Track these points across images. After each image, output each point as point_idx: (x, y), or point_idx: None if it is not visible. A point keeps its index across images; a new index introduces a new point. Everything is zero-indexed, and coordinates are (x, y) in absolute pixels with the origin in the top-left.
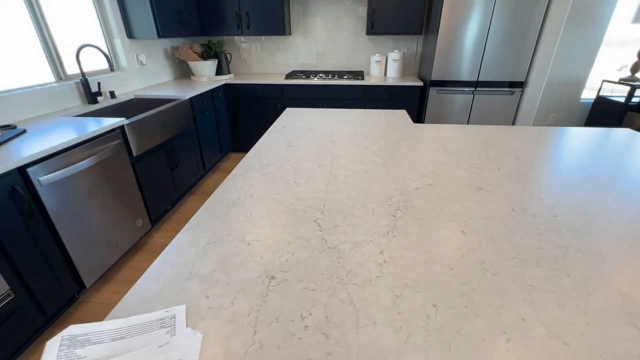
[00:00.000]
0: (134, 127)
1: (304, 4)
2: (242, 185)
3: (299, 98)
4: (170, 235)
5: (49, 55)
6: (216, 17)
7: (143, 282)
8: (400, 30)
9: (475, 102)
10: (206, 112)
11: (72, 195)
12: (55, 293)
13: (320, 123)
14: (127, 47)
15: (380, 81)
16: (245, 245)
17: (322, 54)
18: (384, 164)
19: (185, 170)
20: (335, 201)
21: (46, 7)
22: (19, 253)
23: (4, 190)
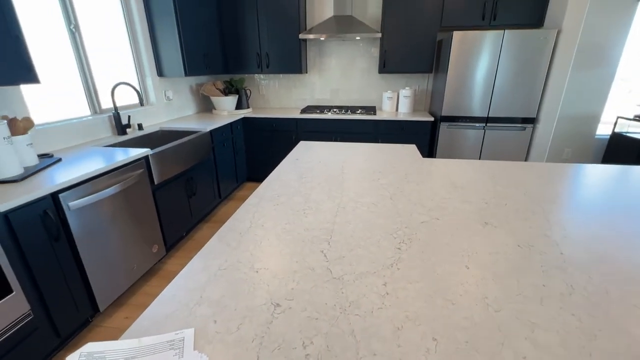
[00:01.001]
0: (158, 157)
1: (320, 46)
2: (254, 215)
3: (313, 131)
4: (183, 262)
5: (88, 91)
6: (239, 57)
7: (157, 304)
8: (411, 69)
9: (486, 138)
10: (225, 143)
11: (95, 221)
12: (71, 316)
13: (331, 156)
14: (157, 84)
15: (392, 116)
16: (254, 272)
17: (336, 90)
18: (391, 197)
19: (202, 199)
20: (342, 232)
21: (89, 48)
22: (43, 274)
23: (37, 213)
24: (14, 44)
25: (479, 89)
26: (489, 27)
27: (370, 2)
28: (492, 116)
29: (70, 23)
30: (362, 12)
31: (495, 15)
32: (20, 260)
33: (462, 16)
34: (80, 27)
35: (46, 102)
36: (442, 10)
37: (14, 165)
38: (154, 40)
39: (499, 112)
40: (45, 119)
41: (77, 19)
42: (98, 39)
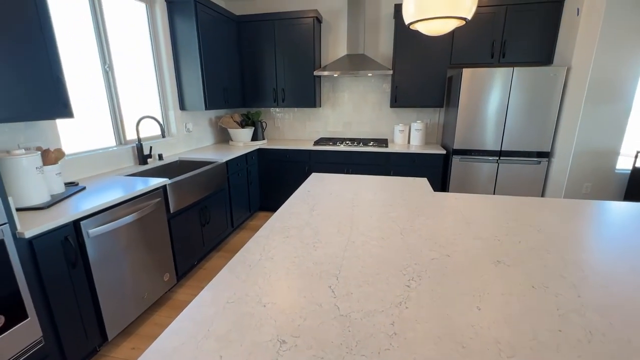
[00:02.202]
0: (175, 186)
1: (333, 81)
2: (264, 247)
3: (325, 162)
4: (193, 292)
5: (115, 123)
6: (256, 92)
7: (165, 336)
8: (422, 103)
9: (500, 171)
10: (239, 173)
11: (111, 248)
12: (80, 344)
13: (342, 188)
14: (178, 117)
15: (404, 149)
16: (262, 307)
17: (349, 123)
18: (401, 231)
19: (215, 228)
20: (350, 267)
21: (119, 83)
22: (57, 301)
23: (58, 240)
24: (55, 84)
25: (491, 123)
26: (498, 65)
27: (381, 41)
28: (505, 149)
29: (105, 63)
30: (373, 51)
31: (504, 53)
32: (38, 285)
33: (471, 54)
34: (113, 66)
35: (77, 133)
36: (452, 49)
37: (43, 193)
38: (179, 76)
39: (512, 145)
40: (75, 149)
41: (112, 59)
42: (127, 75)
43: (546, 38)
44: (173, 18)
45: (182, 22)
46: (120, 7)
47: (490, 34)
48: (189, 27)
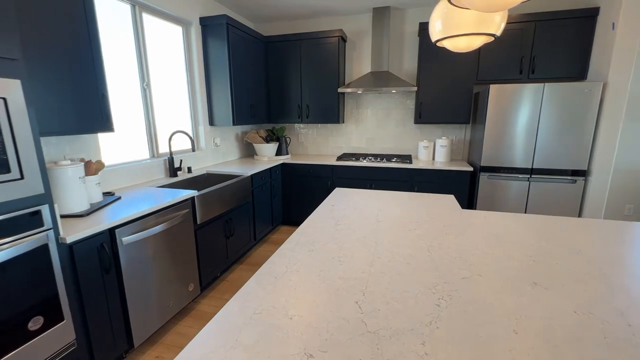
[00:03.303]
0: (202, 198)
1: (357, 98)
2: (290, 260)
3: (348, 178)
4: (216, 303)
5: (150, 138)
6: (281, 108)
7: (194, 343)
8: (447, 119)
9: (532, 190)
10: (263, 187)
11: (142, 256)
12: (109, 349)
13: (367, 204)
14: (208, 132)
15: (429, 165)
16: (288, 319)
17: (372, 139)
18: (429, 249)
19: (238, 240)
20: (377, 283)
21: (155, 99)
22: (90, 305)
23: (94, 246)
24: (100, 101)
25: (521, 140)
26: (528, 81)
27: (405, 58)
28: (537, 167)
29: (144, 81)
30: (397, 68)
31: (533, 69)
32: (74, 289)
33: (499, 70)
34: (151, 84)
35: (114, 146)
36: (478, 65)
37: (83, 201)
38: (209, 93)
39: (544, 163)
40: (112, 160)
41: (150, 78)
42: (162, 92)
43: (579, 53)
44: (206, 39)
45: (214, 43)
46: (159, 30)
47: (518, 49)
48: (221, 47)
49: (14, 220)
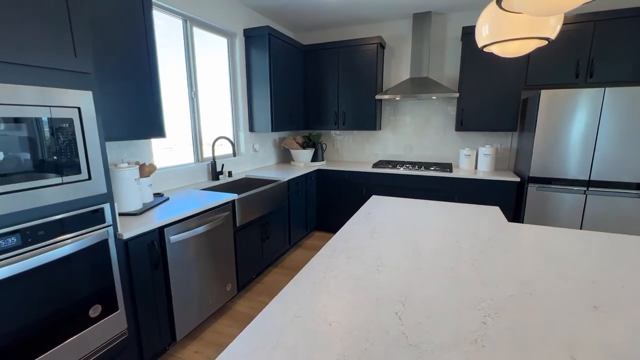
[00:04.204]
0: (242, 201)
1: (395, 105)
2: (327, 266)
3: (384, 185)
4: (251, 304)
5: (195, 143)
6: (318, 115)
7: (238, 342)
8: (491, 127)
9: (589, 204)
10: (299, 192)
11: (186, 255)
12: (154, 341)
13: (405, 213)
14: (247, 138)
15: (470, 174)
16: (327, 325)
17: (410, 146)
18: (472, 262)
19: (274, 244)
20: (417, 295)
21: (201, 107)
22: (141, 298)
23: (145, 243)
24: (154, 109)
25: (576, 149)
26: (585, 85)
27: (447, 63)
28: (595, 179)
29: (192, 90)
30: (438, 73)
31: (591, 73)
32: (128, 282)
33: (551, 74)
34: (198, 92)
35: (164, 150)
36: (527, 69)
37: (137, 201)
38: (250, 101)
39: (604, 175)
40: (162, 164)
41: (198, 87)
42: (207, 100)
43: None
44: (249, 49)
45: (256, 52)
46: (207, 42)
47: (574, 52)
48: (262, 57)
49: (80, 216)
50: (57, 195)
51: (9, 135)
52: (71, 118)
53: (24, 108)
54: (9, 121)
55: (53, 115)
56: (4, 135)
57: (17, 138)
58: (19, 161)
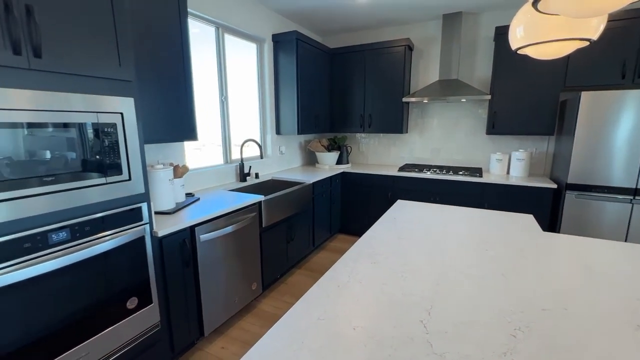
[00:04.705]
0: (268, 203)
1: (422, 107)
2: (352, 270)
3: (410, 190)
4: (275, 304)
5: (224, 145)
6: (344, 118)
7: (265, 340)
8: (525, 130)
9: (636, 214)
10: (323, 195)
11: (214, 253)
12: (184, 335)
13: (432, 218)
14: (274, 140)
15: (502, 180)
16: (351, 329)
17: (437, 149)
18: (502, 272)
19: (298, 245)
20: (444, 304)
21: (232, 113)
22: (173, 293)
23: (178, 241)
24: (188, 114)
25: (621, 155)
26: (632, 86)
27: (478, 65)
28: None
29: (222, 94)
30: (468, 75)
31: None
32: (161, 277)
33: (593, 75)
34: (228, 96)
35: (192, 151)
36: (566, 70)
37: (170, 201)
38: (277, 104)
39: None
40: (192, 165)
41: (228, 91)
42: (237, 103)
43: None
44: (277, 54)
45: (284, 57)
46: (237, 48)
47: (620, 50)
48: (290, 61)
49: (121, 214)
50: (101, 194)
51: (60, 139)
52: (115, 123)
53: (74, 114)
54: (61, 126)
55: (100, 120)
56: (55, 138)
57: (67, 141)
58: (69, 163)
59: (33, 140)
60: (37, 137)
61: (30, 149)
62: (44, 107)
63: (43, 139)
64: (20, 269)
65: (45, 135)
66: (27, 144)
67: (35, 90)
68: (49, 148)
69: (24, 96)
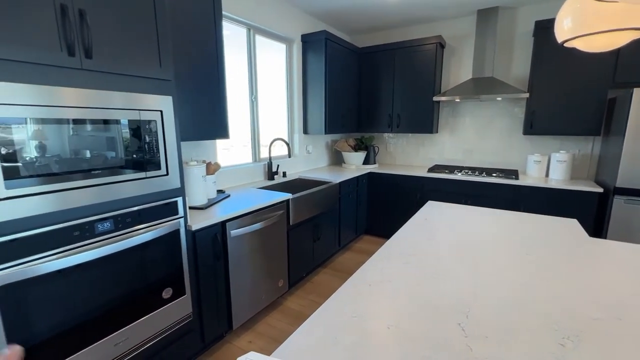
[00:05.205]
0: (296, 201)
1: (454, 106)
2: (384, 269)
3: (440, 191)
4: (301, 302)
5: (254, 144)
6: (371, 118)
7: (297, 335)
8: (568, 130)
9: None
10: (350, 195)
11: (244, 249)
12: (213, 327)
13: (464, 220)
14: (301, 140)
15: (540, 182)
16: (385, 328)
17: (469, 150)
18: (544, 278)
19: (324, 245)
20: (482, 307)
21: (262, 113)
22: (204, 285)
23: (210, 236)
24: (221, 112)
25: None
26: None
27: (515, 62)
28: None
29: (252, 94)
30: (504, 73)
31: None
32: (194, 270)
33: None
34: (258, 96)
35: (221, 150)
36: (616, 65)
37: (203, 196)
38: (305, 104)
39: None
40: (224, 163)
41: (258, 91)
42: (265, 103)
43: None
44: (306, 54)
45: (313, 57)
46: (266, 48)
47: None
48: (319, 61)
49: (159, 207)
50: (140, 188)
51: (105, 135)
52: (155, 120)
53: (119, 111)
54: (106, 122)
55: (141, 117)
56: (101, 134)
57: (112, 137)
58: (112, 158)
59: (81, 136)
60: (85, 133)
61: (78, 144)
62: (91, 104)
63: (89, 135)
64: (69, 256)
65: (92, 131)
66: (75, 140)
67: (84, 89)
68: (95, 143)
69: (75, 94)
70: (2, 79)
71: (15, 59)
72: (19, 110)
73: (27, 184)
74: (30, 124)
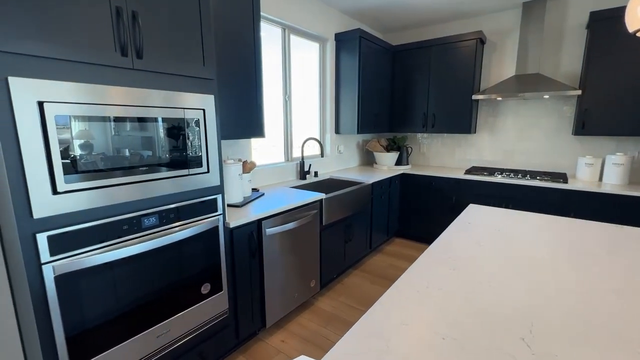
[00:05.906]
0: (329, 201)
1: (494, 105)
2: (430, 275)
3: (477, 194)
4: (332, 303)
5: (286, 143)
6: (404, 117)
7: (345, 341)
8: (626, 131)
9: None
10: (382, 196)
11: (278, 248)
12: (248, 323)
13: (512, 225)
14: (333, 139)
15: (592, 187)
16: (440, 339)
17: (511, 152)
18: (615, 292)
19: (355, 246)
20: (546, 321)
21: (294, 114)
22: (240, 282)
23: (246, 233)
24: (256, 110)
25: None
26: None
27: (564, 58)
28: None
29: (286, 94)
30: (552, 69)
31: None
32: (230, 267)
33: None
34: (291, 96)
35: (259, 149)
36: None
37: (239, 195)
38: (337, 103)
39: None
40: (258, 162)
41: (291, 91)
42: (298, 102)
43: None
44: (339, 53)
45: (346, 56)
46: (300, 47)
47: None
48: (352, 60)
49: (200, 204)
50: (183, 184)
51: (151, 133)
52: (198, 118)
53: (164, 110)
54: (152, 121)
55: (185, 116)
56: (147, 132)
57: (155, 136)
58: (157, 155)
59: (128, 134)
60: (132, 131)
61: (126, 141)
62: (138, 103)
63: (135, 133)
64: (119, 249)
65: (138, 129)
66: (123, 138)
67: (134, 88)
68: (140, 141)
69: (125, 93)
70: (64, 79)
71: (73, 59)
72: (74, 109)
73: (81, 179)
74: (85, 121)
